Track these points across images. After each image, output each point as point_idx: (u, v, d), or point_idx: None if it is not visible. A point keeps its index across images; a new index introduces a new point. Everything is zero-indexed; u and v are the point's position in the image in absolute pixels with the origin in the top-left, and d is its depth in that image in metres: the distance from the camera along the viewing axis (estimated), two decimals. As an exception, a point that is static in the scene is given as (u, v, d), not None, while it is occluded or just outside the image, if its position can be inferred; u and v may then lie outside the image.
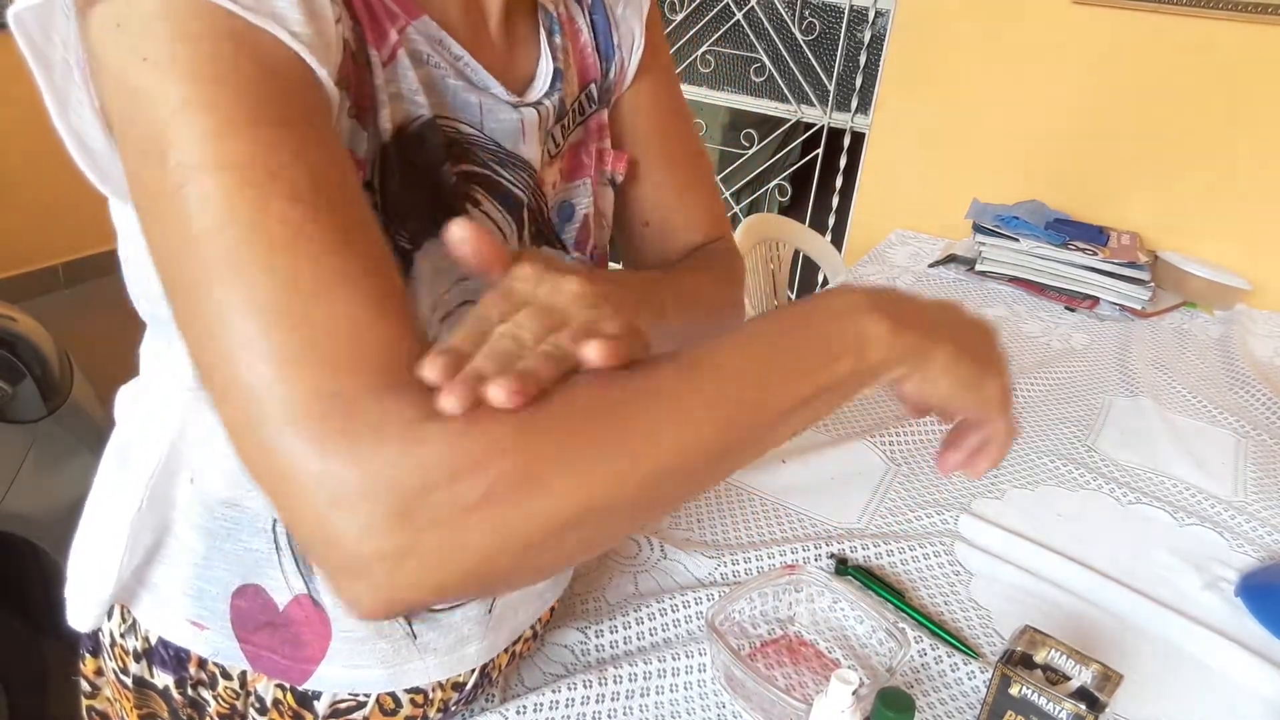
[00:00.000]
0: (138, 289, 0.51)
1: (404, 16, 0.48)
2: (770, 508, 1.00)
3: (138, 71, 0.36)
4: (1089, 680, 0.63)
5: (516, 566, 0.36)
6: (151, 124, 0.36)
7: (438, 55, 0.49)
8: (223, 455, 0.52)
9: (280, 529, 0.54)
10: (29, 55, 0.40)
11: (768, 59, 2.45)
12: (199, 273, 0.36)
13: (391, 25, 0.47)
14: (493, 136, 0.53)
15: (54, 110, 0.41)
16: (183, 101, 0.35)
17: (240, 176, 0.35)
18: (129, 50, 0.36)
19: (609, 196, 0.64)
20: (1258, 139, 1.77)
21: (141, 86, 0.36)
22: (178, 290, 0.37)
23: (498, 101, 0.53)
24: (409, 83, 0.48)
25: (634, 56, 0.64)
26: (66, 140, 0.43)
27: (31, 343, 1.48)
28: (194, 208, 0.35)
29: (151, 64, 0.36)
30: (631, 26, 0.64)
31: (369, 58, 0.46)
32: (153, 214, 0.37)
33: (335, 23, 0.41)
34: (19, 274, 3.23)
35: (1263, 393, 1.40)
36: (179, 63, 0.36)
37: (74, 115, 0.42)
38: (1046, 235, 1.75)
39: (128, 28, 0.36)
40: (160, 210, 0.37)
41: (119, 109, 0.38)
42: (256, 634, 0.56)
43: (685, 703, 0.71)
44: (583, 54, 0.61)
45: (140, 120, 0.36)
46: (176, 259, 0.37)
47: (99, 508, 0.59)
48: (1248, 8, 1.70)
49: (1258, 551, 0.99)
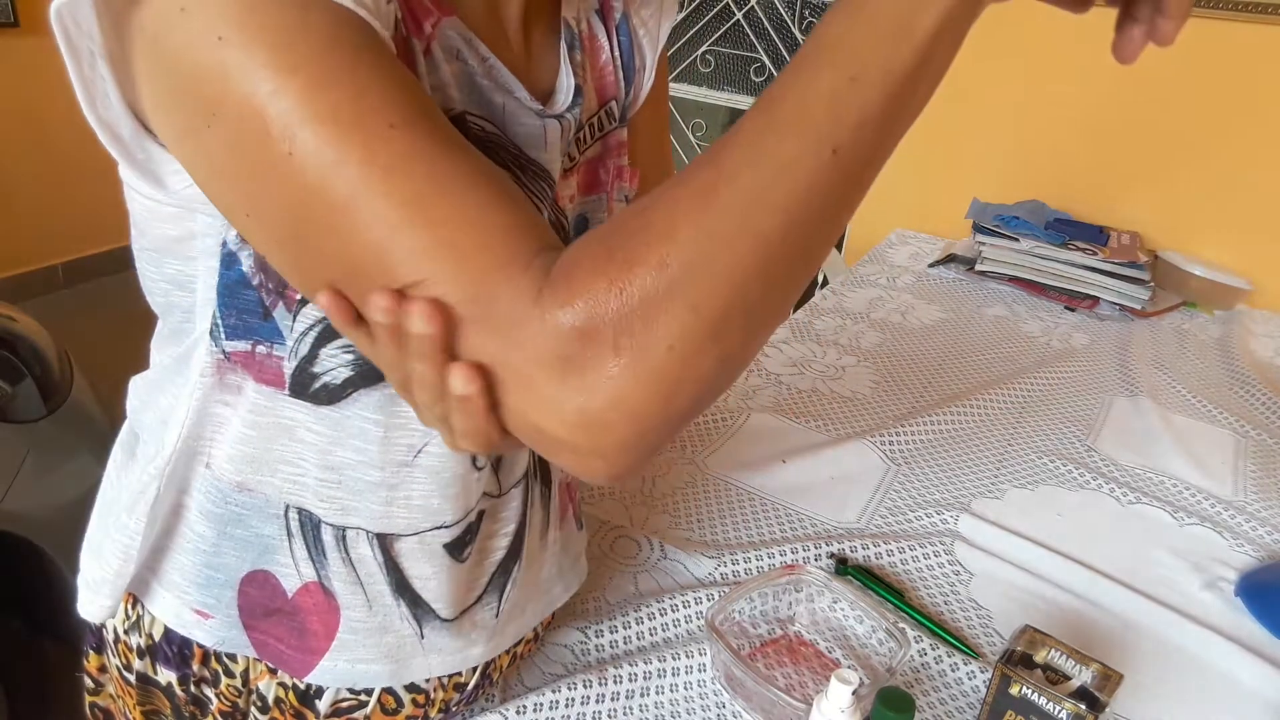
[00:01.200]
0: (153, 277, 0.51)
1: (437, 12, 0.48)
2: (770, 508, 1.00)
3: (214, 50, 0.37)
4: (1089, 680, 0.63)
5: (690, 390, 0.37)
6: (241, 99, 0.37)
7: (467, 53, 0.50)
8: (237, 439, 0.53)
9: (293, 514, 0.54)
10: (64, 47, 0.41)
11: (768, 59, 2.45)
12: (326, 220, 0.37)
13: (426, 19, 0.47)
14: (514, 140, 0.53)
15: (84, 101, 0.42)
16: (266, 69, 0.36)
17: (339, 124, 0.37)
18: (201, 32, 0.37)
19: None
20: (1258, 139, 1.78)
21: (222, 65, 0.37)
22: (305, 248, 0.39)
23: (521, 106, 0.53)
24: (444, 75, 0.48)
25: (648, 78, 0.65)
26: (98, 130, 0.43)
27: (31, 343, 1.49)
28: (305, 164, 0.37)
29: (227, 42, 0.36)
30: (653, 47, 0.65)
31: (413, 46, 0.47)
32: (260, 185, 0.38)
33: (388, 1, 0.42)
34: (19, 274, 3.23)
35: (1263, 393, 1.40)
36: (253, 34, 0.36)
37: (101, 106, 0.42)
38: (1046, 235, 1.75)
39: (194, 11, 0.37)
40: (270, 181, 0.38)
41: (193, 94, 0.38)
42: (263, 621, 0.57)
43: (685, 703, 0.71)
44: (603, 71, 0.61)
45: (229, 98, 0.37)
46: (298, 220, 0.38)
47: (110, 499, 0.60)
48: (1248, 8, 1.70)
49: (1258, 551, 0.99)
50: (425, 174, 0.37)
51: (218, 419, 0.53)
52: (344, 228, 0.37)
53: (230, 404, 0.52)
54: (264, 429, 0.52)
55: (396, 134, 0.37)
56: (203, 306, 0.50)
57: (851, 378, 1.33)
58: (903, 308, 1.63)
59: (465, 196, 0.38)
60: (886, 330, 1.52)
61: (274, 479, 0.53)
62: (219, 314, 0.49)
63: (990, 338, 1.54)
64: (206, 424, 0.53)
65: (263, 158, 0.37)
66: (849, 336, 1.48)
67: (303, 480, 0.53)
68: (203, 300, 0.50)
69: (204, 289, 0.49)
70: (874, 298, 1.66)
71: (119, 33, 0.39)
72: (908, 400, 1.28)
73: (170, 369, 0.54)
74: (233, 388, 0.51)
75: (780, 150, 0.36)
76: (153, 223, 0.48)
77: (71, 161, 3.07)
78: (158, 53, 0.38)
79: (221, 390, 0.52)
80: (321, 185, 0.37)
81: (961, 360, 1.44)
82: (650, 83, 0.66)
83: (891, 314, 1.60)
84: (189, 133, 0.40)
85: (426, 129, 0.38)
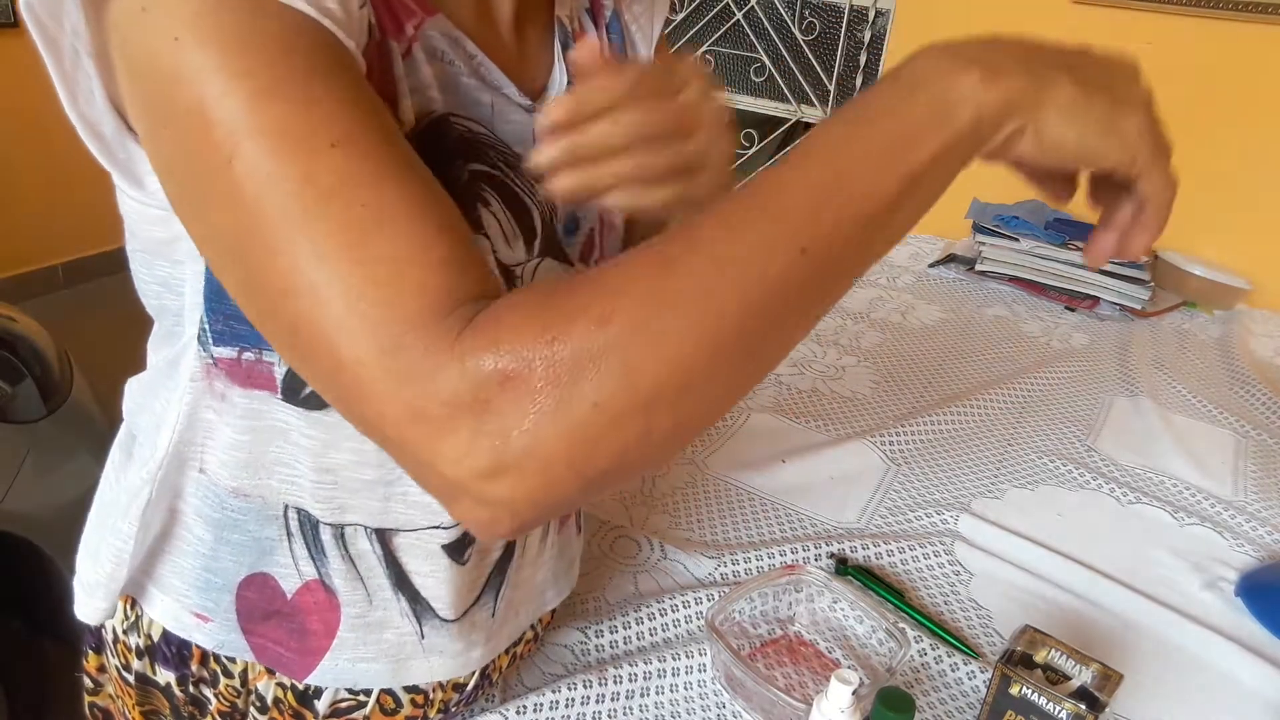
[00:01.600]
0: (145, 279, 0.51)
1: (420, 13, 0.48)
2: (770, 508, 1.00)
3: (170, 52, 0.36)
4: (1089, 680, 0.63)
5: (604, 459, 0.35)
6: (191, 102, 0.36)
7: (453, 53, 0.50)
8: (230, 445, 0.52)
9: (292, 514, 0.54)
10: (41, 43, 0.41)
11: (768, 59, 2.45)
12: (262, 237, 0.36)
13: (408, 20, 0.47)
14: (502, 138, 0.53)
15: (65, 98, 0.42)
16: (217, 73, 0.36)
17: (283, 137, 0.36)
18: (159, 33, 0.36)
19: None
20: (1258, 139, 1.78)
21: (176, 66, 0.36)
22: (241, 261, 0.38)
23: (509, 103, 0.52)
24: (424, 77, 0.48)
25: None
26: (78, 126, 0.43)
27: (31, 343, 1.49)
28: (245, 175, 0.36)
29: (182, 43, 0.36)
30: (646, 43, 0.64)
31: (390, 48, 0.46)
32: (205, 192, 0.38)
33: (360, 6, 0.41)
34: (19, 274, 3.23)
35: (1263, 393, 1.40)
36: (208, 36, 0.36)
37: (84, 103, 0.42)
38: (1046, 235, 1.75)
39: (154, 11, 0.36)
40: (212, 185, 0.37)
41: (151, 94, 0.38)
42: (262, 625, 0.57)
43: (685, 703, 0.71)
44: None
45: (180, 100, 0.37)
46: (237, 231, 0.37)
47: (107, 500, 0.60)
48: (1248, 8, 1.70)
49: (1258, 551, 0.99)
50: (365, 200, 0.36)
51: (208, 424, 0.53)
52: (281, 248, 0.36)
53: (219, 411, 0.52)
54: (259, 433, 0.52)
55: (340, 154, 0.36)
56: (191, 310, 0.50)
57: (851, 378, 1.33)
58: (903, 308, 1.63)
59: (403, 229, 0.36)
60: (886, 330, 1.52)
61: (271, 481, 0.53)
62: (206, 319, 0.49)
63: (990, 338, 1.54)
64: (198, 429, 0.53)
65: (207, 165, 0.37)
66: (849, 336, 1.48)
67: (299, 482, 0.53)
68: (191, 304, 0.50)
69: (191, 293, 0.49)
70: (874, 298, 1.66)
71: (100, 28, 0.39)
72: (908, 400, 1.28)
73: (163, 372, 0.54)
74: (219, 394, 0.51)
75: (751, 234, 0.36)
76: (141, 224, 0.48)
77: (71, 161, 3.05)
78: (125, 51, 0.38)
79: (210, 396, 0.52)
80: (259, 200, 0.36)
81: (961, 360, 1.44)
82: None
83: (891, 314, 1.60)
84: (148, 133, 0.40)
85: (376, 149, 0.37)
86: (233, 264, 0.39)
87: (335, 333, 0.36)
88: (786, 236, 0.36)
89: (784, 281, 0.35)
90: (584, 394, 0.34)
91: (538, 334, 0.34)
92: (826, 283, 0.37)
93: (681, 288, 0.35)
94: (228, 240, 0.38)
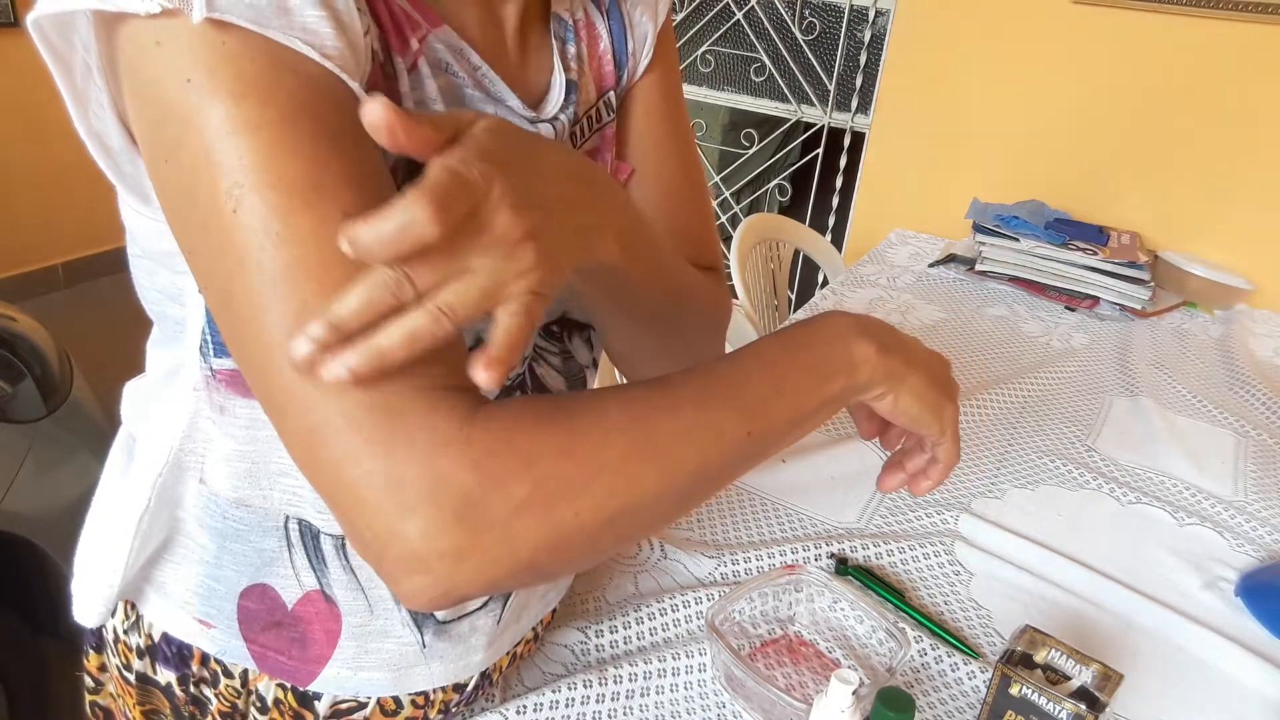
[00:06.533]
0: (146, 286, 0.51)
1: (425, 25, 0.48)
2: (770, 508, 1.00)
3: (181, 93, 0.36)
4: (1089, 680, 0.63)
5: (561, 560, 0.40)
6: (199, 148, 0.36)
7: (457, 65, 0.49)
8: (231, 456, 0.52)
9: (293, 526, 0.54)
10: (49, 58, 0.40)
11: (768, 59, 2.45)
12: (257, 292, 0.37)
13: (413, 33, 0.47)
14: None
15: (74, 111, 0.42)
16: (228, 122, 0.36)
17: (291, 194, 0.36)
18: (171, 70, 0.36)
19: None
20: (1258, 139, 1.77)
21: (186, 109, 0.36)
22: (233, 309, 0.38)
23: (513, 115, 0.52)
24: (429, 90, 0.48)
25: (644, 63, 0.63)
26: (87, 141, 0.43)
27: (31, 343, 1.48)
28: (249, 229, 0.36)
29: (195, 86, 0.36)
30: (645, 30, 0.62)
31: (395, 66, 0.46)
32: (204, 236, 0.38)
33: (364, 34, 0.41)
34: (19, 274, 3.23)
35: (1263, 393, 1.40)
36: (221, 83, 0.36)
37: (94, 117, 0.42)
38: (1046, 235, 1.75)
39: (168, 48, 0.36)
40: (213, 232, 0.37)
41: (157, 123, 0.38)
42: (263, 634, 0.56)
43: (685, 703, 0.71)
44: (601, 61, 0.60)
45: (187, 143, 0.37)
46: (234, 280, 0.37)
47: (105, 505, 0.60)
48: (1248, 8, 1.70)
49: (1258, 551, 0.99)
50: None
51: (208, 435, 0.52)
52: (272, 305, 0.36)
53: (219, 422, 0.52)
54: (261, 443, 0.51)
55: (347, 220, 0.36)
56: (193, 321, 0.50)
57: (851, 378, 1.33)
58: (903, 308, 1.63)
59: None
60: (886, 330, 1.52)
61: (272, 491, 0.53)
62: (208, 330, 0.49)
63: (990, 338, 1.54)
64: (198, 439, 0.53)
65: (209, 210, 0.37)
66: (849, 336, 1.47)
67: (300, 492, 0.53)
68: (193, 314, 0.49)
69: (194, 304, 0.49)
70: (874, 298, 1.66)
71: (110, 45, 0.39)
72: (908, 400, 1.28)
73: (163, 381, 0.54)
74: (219, 406, 0.51)
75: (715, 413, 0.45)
76: (144, 234, 0.48)
77: (71, 161, 3.06)
78: (133, 79, 0.38)
79: (210, 407, 0.51)
80: (260, 253, 0.36)
81: (961, 360, 1.44)
82: (644, 66, 0.63)
83: (891, 314, 1.60)
84: (151, 160, 0.40)
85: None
86: (223, 307, 0.39)
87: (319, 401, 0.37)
88: (739, 420, 0.45)
89: (730, 452, 0.45)
90: (569, 506, 0.39)
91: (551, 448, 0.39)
92: (756, 458, 0.48)
93: (660, 442, 0.42)
94: (218, 284, 0.39)
